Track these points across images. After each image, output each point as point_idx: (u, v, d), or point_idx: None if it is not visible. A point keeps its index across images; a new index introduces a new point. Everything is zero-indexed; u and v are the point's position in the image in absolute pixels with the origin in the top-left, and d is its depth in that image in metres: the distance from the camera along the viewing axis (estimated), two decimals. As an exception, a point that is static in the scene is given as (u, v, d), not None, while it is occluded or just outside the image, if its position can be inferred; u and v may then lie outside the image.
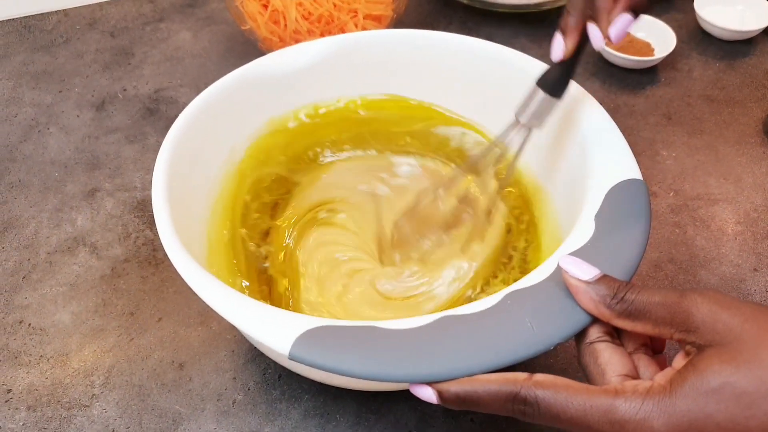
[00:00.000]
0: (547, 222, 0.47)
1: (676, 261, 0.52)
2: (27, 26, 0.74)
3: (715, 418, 0.25)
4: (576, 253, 0.34)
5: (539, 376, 0.28)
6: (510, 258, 0.48)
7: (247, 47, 0.69)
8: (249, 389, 0.44)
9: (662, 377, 0.27)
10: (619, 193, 0.37)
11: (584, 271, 0.30)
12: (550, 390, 0.27)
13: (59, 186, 0.57)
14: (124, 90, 0.66)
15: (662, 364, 0.31)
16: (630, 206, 0.37)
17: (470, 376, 0.29)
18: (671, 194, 0.56)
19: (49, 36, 0.72)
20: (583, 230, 0.36)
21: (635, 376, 0.29)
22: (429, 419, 0.42)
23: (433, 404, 0.30)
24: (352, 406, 0.43)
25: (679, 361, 0.29)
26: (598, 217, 0.36)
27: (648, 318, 0.28)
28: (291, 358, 0.31)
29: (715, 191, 0.57)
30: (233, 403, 0.43)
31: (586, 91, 0.44)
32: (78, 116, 0.64)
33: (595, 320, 0.31)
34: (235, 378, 0.44)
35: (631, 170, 0.39)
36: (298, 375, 0.43)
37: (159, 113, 0.64)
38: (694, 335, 0.27)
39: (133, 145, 0.61)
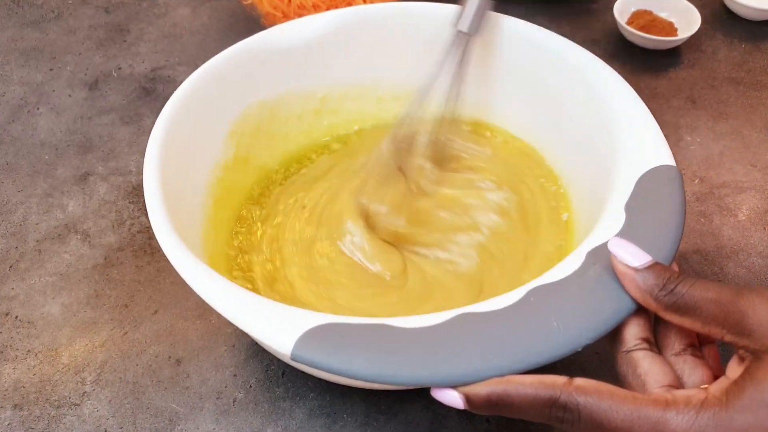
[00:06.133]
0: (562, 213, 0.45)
1: (702, 252, 0.49)
2: (16, 0, 0.70)
3: None
4: (605, 245, 0.31)
5: (580, 381, 0.26)
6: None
7: (248, 23, 0.66)
8: (250, 387, 0.41)
9: (717, 388, 0.24)
10: (650, 180, 0.35)
11: (635, 257, 0.28)
12: (594, 397, 0.25)
13: (49, 169, 0.55)
14: (119, 68, 0.63)
15: (714, 359, 0.28)
16: (663, 195, 0.34)
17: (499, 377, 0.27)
18: (696, 181, 0.53)
19: (40, 11, 0.69)
20: (613, 220, 0.33)
21: (678, 385, 0.26)
22: (443, 419, 0.40)
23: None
24: (360, 406, 0.40)
25: (733, 368, 0.26)
26: (629, 206, 0.34)
27: (698, 314, 0.26)
28: (293, 358, 0.28)
29: (743, 179, 0.54)
30: (233, 401, 0.41)
31: (612, 69, 0.41)
32: (70, 96, 0.61)
33: (629, 322, 0.28)
34: (235, 375, 0.42)
35: (664, 155, 0.36)
36: (302, 372, 0.41)
37: (156, 93, 0.61)
38: (747, 339, 0.24)
39: (128, 126, 0.58)
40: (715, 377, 0.28)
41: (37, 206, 0.52)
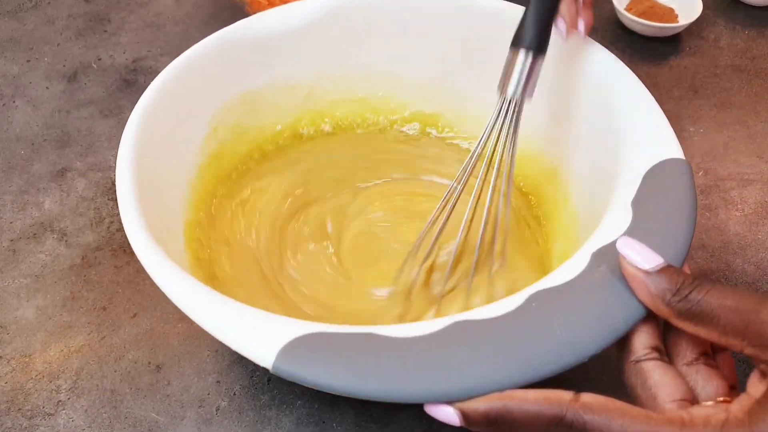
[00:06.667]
0: (559, 212, 0.42)
1: (708, 247, 0.47)
2: (-8, -11, 0.68)
3: None
4: (612, 245, 0.29)
5: (587, 397, 0.24)
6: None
7: (233, 12, 0.64)
8: (234, 394, 0.39)
9: (738, 407, 0.22)
10: (658, 175, 0.33)
11: (645, 258, 0.26)
12: (603, 416, 0.23)
13: (25, 165, 0.52)
14: (99, 59, 0.61)
15: (729, 367, 0.26)
16: (672, 190, 0.32)
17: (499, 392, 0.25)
18: (700, 174, 0.51)
19: (17, 0, 0.66)
20: (619, 218, 0.31)
21: (691, 399, 0.24)
22: (437, 429, 0.38)
23: None
24: (350, 414, 0.38)
25: (754, 384, 0.24)
26: (636, 202, 0.32)
27: (715, 323, 0.24)
28: (275, 371, 0.26)
29: (748, 171, 0.52)
30: (217, 410, 0.39)
31: (616, 57, 0.39)
32: (47, 88, 0.58)
33: (638, 330, 0.26)
34: (218, 382, 0.40)
35: (672, 148, 0.34)
36: (289, 378, 0.39)
37: (137, 85, 0.59)
38: None
39: (107, 120, 0.56)
40: (731, 387, 0.26)
41: (12, 204, 0.49)
